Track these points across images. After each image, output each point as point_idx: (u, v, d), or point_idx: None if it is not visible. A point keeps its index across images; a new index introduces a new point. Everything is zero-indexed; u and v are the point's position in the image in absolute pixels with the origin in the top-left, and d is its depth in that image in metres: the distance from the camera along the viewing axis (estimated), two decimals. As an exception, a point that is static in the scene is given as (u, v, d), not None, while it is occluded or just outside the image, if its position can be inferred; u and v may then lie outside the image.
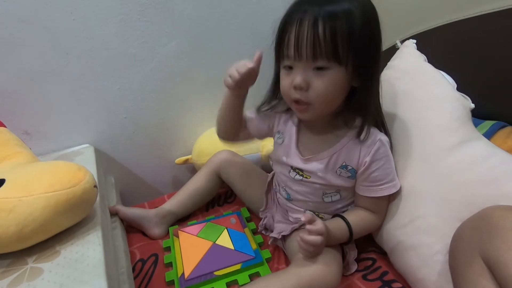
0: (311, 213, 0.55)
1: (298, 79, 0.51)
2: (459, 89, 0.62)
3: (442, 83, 0.62)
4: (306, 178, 0.62)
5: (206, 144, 0.96)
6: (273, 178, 0.75)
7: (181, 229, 0.75)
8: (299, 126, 0.63)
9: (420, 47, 0.70)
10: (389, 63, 0.72)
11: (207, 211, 0.85)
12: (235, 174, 0.81)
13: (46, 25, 0.75)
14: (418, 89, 0.63)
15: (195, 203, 0.83)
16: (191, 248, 0.70)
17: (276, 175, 0.71)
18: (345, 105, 0.56)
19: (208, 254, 0.68)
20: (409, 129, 0.61)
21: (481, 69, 0.70)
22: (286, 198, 0.67)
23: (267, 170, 0.85)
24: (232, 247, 0.69)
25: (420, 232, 0.55)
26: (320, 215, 0.64)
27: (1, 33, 0.72)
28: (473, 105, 0.60)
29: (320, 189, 0.62)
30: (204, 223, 0.77)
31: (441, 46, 0.75)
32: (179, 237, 0.73)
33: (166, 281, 0.64)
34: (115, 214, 0.75)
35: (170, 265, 0.68)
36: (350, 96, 0.55)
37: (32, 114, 0.82)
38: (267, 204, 0.75)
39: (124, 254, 0.65)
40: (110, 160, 0.95)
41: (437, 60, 0.66)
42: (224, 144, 0.90)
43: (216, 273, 0.64)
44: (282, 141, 0.65)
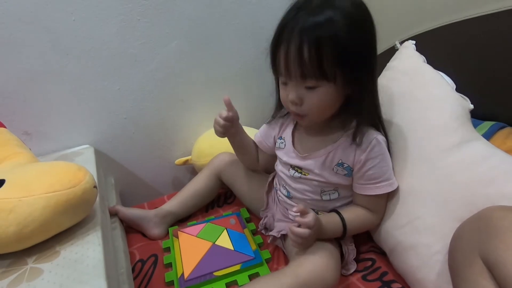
0: (304, 206, 0.56)
1: (291, 96, 0.54)
2: (458, 90, 0.62)
3: (441, 84, 0.62)
4: (304, 175, 0.63)
5: (206, 145, 0.96)
6: (274, 178, 0.76)
7: (181, 230, 0.75)
8: (296, 127, 0.66)
9: (419, 48, 0.70)
10: (389, 64, 0.72)
11: (207, 212, 0.85)
12: (236, 175, 0.81)
13: (47, 25, 0.75)
14: (417, 90, 0.64)
15: (195, 204, 0.83)
16: (191, 249, 0.70)
17: (277, 175, 0.72)
18: (342, 109, 0.57)
19: (208, 255, 0.68)
20: (409, 130, 0.61)
21: (480, 70, 0.70)
22: (286, 196, 0.68)
23: (267, 171, 0.85)
24: (232, 248, 0.69)
25: (420, 232, 0.55)
26: (319, 213, 0.65)
27: (1, 33, 0.72)
28: (472, 106, 0.60)
29: (318, 187, 0.63)
30: (204, 224, 0.77)
31: (440, 47, 0.75)
32: (179, 238, 0.73)
33: (166, 282, 0.64)
34: (115, 215, 0.75)
35: (170, 266, 0.68)
36: (347, 101, 0.56)
37: (32, 115, 0.82)
38: (268, 204, 0.76)
39: (124, 255, 0.65)
40: (110, 161, 0.95)
41: (436, 61, 0.66)
42: (224, 145, 0.90)
43: (216, 274, 0.64)
44: (284, 146, 0.67)
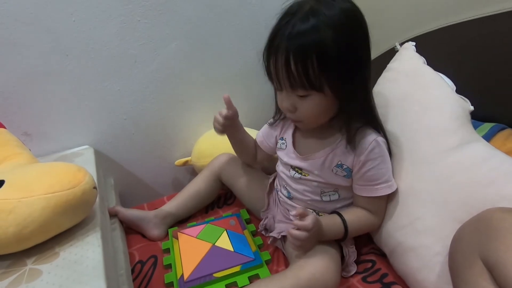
0: (304, 208, 0.56)
1: (285, 104, 0.56)
2: (458, 92, 0.62)
3: (441, 85, 0.62)
4: (305, 176, 0.63)
5: (206, 146, 0.96)
6: (275, 179, 0.76)
7: (181, 231, 0.75)
8: (296, 128, 0.66)
9: (419, 50, 0.70)
10: (389, 65, 0.72)
11: (207, 213, 0.85)
12: (236, 176, 0.81)
13: (47, 26, 0.75)
14: (418, 91, 0.64)
15: (195, 205, 0.83)
16: (191, 250, 0.70)
17: (278, 176, 0.72)
18: (340, 111, 0.57)
19: (208, 256, 0.68)
20: (409, 131, 0.61)
21: (480, 72, 0.70)
22: (287, 197, 0.68)
23: (267, 172, 0.85)
24: (232, 249, 0.69)
25: (420, 234, 0.55)
26: (320, 214, 0.65)
27: (1, 34, 0.72)
28: (472, 107, 0.60)
29: (318, 188, 0.63)
30: (204, 225, 0.76)
31: (440, 49, 0.75)
32: (179, 239, 0.73)
33: (165, 283, 0.64)
34: (115, 216, 0.75)
35: (169, 267, 0.68)
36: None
37: (32, 115, 0.82)
38: (269, 205, 0.76)
39: (123, 256, 0.65)
40: (110, 161, 0.94)
41: (436, 63, 0.66)
42: (224, 146, 0.90)
43: (216, 275, 0.64)
44: (286, 146, 0.67)
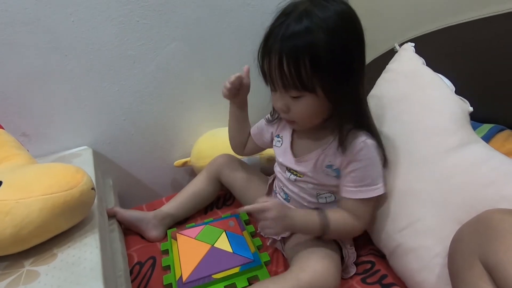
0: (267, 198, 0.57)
1: (278, 105, 0.56)
2: (458, 92, 0.62)
3: (441, 86, 0.62)
4: (300, 178, 0.63)
5: (205, 146, 0.96)
6: (274, 180, 0.76)
7: (179, 232, 0.75)
8: (294, 130, 0.66)
9: (419, 51, 0.70)
10: (388, 66, 0.72)
11: (206, 214, 0.85)
12: (235, 178, 0.81)
13: (46, 27, 0.75)
14: (417, 92, 0.64)
15: (194, 206, 0.82)
16: (189, 251, 0.69)
17: (276, 177, 0.72)
18: (333, 113, 0.57)
19: (207, 257, 0.68)
20: (408, 132, 0.61)
21: (480, 73, 0.70)
22: (285, 199, 0.68)
23: (266, 173, 0.85)
24: (231, 250, 0.69)
25: (420, 235, 0.55)
26: None
27: (1, 34, 0.72)
28: (472, 108, 0.60)
29: (314, 189, 0.63)
30: (203, 226, 0.76)
31: (440, 50, 0.75)
32: (177, 240, 0.73)
33: (164, 284, 0.64)
34: (113, 217, 0.75)
35: (168, 268, 0.68)
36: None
37: (31, 116, 0.81)
38: (268, 206, 0.75)
39: (122, 257, 0.65)
40: (109, 162, 0.94)
41: (436, 64, 0.66)
42: (224, 147, 0.90)
43: (215, 276, 0.63)
44: (281, 144, 0.67)
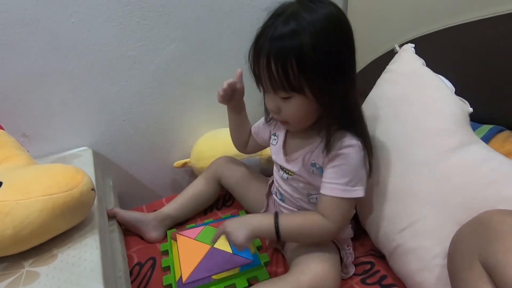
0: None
1: (269, 106, 0.57)
2: (458, 93, 0.62)
3: (441, 87, 0.62)
4: (291, 176, 0.63)
5: (205, 147, 0.96)
6: (274, 181, 0.75)
7: (179, 233, 0.75)
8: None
9: (419, 51, 0.70)
10: (388, 67, 0.72)
11: (205, 215, 0.85)
12: (235, 179, 0.81)
13: (46, 27, 0.75)
14: (417, 93, 0.64)
15: (194, 208, 0.83)
16: (189, 252, 0.69)
17: (274, 177, 0.72)
18: (323, 114, 0.57)
19: (206, 258, 0.68)
20: (408, 132, 0.61)
21: (479, 73, 0.71)
22: (280, 199, 0.69)
23: (266, 174, 0.85)
24: (230, 251, 0.69)
25: (419, 235, 0.55)
26: None
27: (1, 34, 0.72)
28: (471, 109, 0.60)
29: (305, 189, 0.63)
30: (202, 227, 0.76)
31: (440, 51, 0.75)
32: (177, 241, 0.73)
33: (164, 285, 0.64)
34: (113, 217, 0.75)
35: (168, 269, 0.68)
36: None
37: (31, 116, 0.81)
38: (268, 206, 0.76)
39: (122, 258, 0.65)
40: (108, 163, 0.94)
41: (436, 64, 0.66)
42: (223, 148, 0.90)
43: (214, 277, 0.63)
44: (276, 143, 0.67)
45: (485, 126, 0.70)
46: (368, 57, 0.93)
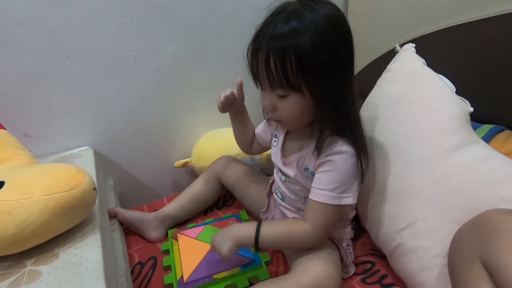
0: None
1: (265, 103, 0.56)
2: (458, 93, 0.63)
3: (441, 87, 0.62)
4: (288, 179, 0.64)
5: (206, 147, 0.96)
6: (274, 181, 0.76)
7: (180, 232, 0.75)
8: (287, 130, 0.66)
9: (419, 51, 0.70)
10: (388, 66, 0.72)
11: (206, 214, 0.85)
12: (235, 178, 0.81)
13: (47, 27, 0.75)
14: (417, 92, 0.64)
15: (195, 208, 0.83)
16: (190, 251, 0.69)
17: (274, 177, 0.72)
18: (318, 115, 0.56)
19: (207, 257, 0.68)
20: (408, 132, 0.61)
21: (480, 73, 0.71)
22: (280, 199, 0.69)
23: (266, 174, 0.85)
24: (231, 250, 0.69)
25: (420, 235, 0.55)
26: None
27: (1, 35, 0.72)
28: (472, 109, 0.60)
29: (301, 192, 0.63)
30: (203, 226, 0.76)
31: (440, 50, 0.75)
32: (178, 240, 0.73)
33: (165, 284, 0.64)
34: (114, 217, 0.75)
35: (169, 268, 0.68)
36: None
37: (32, 116, 0.82)
38: (269, 206, 0.76)
39: (123, 257, 0.65)
40: (109, 163, 0.94)
41: (436, 64, 0.66)
42: (224, 147, 0.90)
43: (215, 276, 0.64)
44: (277, 144, 0.67)
45: (486, 126, 0.70)
46: (368, 57, 0.93)
